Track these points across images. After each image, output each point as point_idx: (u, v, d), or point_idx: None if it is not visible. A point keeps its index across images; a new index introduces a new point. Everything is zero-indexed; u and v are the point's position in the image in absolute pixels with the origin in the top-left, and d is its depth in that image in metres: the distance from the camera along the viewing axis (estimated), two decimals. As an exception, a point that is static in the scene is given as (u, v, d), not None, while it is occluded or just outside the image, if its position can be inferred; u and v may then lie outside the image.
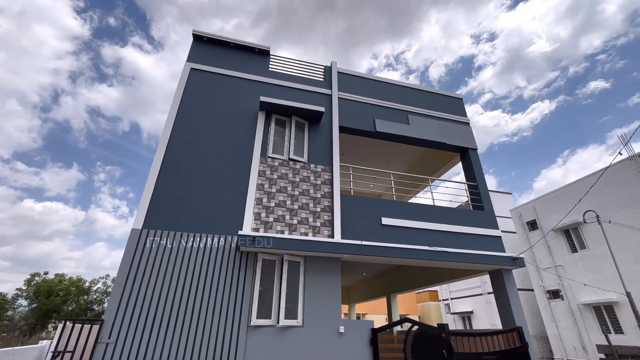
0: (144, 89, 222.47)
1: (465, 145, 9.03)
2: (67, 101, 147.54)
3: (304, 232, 6.53)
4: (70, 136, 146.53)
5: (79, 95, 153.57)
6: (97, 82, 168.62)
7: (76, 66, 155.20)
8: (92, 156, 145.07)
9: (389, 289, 12.74)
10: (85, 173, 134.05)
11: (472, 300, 21.75)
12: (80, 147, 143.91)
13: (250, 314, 5.54)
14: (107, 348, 4.80)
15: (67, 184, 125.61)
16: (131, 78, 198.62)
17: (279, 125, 7.67)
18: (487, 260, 6.97)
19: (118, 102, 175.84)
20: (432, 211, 7.67)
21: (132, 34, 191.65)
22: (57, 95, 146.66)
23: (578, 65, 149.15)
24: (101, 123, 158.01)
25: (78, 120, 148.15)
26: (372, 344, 5.84)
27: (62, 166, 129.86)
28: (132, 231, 5.68)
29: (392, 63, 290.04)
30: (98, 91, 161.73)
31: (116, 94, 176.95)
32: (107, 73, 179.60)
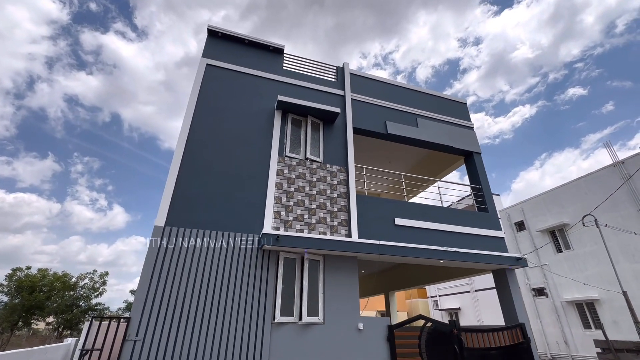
0: (126, 78, 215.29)
1: (471, 149, 9.37)
2: (43, 88, 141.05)
3: (322, 231, 6.66)
4: (46, 125, 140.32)
5: (55, 82, 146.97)
6: (75, 69, 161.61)
7: (53, 52, 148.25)
8: (69, 146, 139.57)
9: (387, 286, 13.06)
10: (61, 164, 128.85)
11: (459, 297, 22.52)
12: (56, 136, 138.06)
13: (274, 311, 5.63)
14: (135, 345, 4.79)
15: (42, 175, 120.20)
16: (112, 66, 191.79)
17: (295, 125, 7.74)
18: (493, 260, 7.32)
19: (98, 91, 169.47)
20: (441, 212, 7.96)
21: (115, 20, 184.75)
22: (32, 81, 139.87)
23: (557, 72, 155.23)
24: (80, 112, 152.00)
25: (55, 108, 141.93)
26: (388, 340, 6.06)
27: (36, 156, 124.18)
28: (155, 228, 5.64)
29: (381, 63, 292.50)
30: (76, 79, 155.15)
31: (96, 82, 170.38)
32: (87, 60, 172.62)
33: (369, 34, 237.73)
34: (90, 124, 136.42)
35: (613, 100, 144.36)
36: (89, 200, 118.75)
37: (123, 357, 4.68)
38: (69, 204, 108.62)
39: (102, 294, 23.21)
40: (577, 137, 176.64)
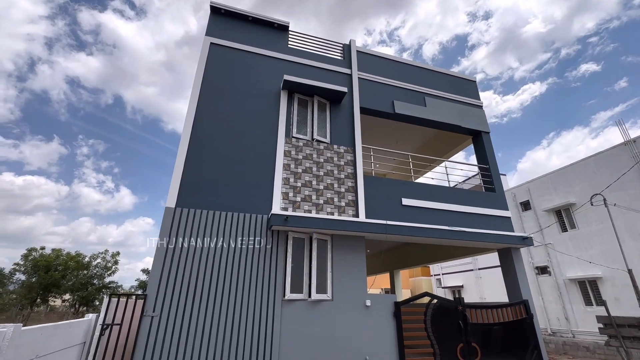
0: (126, 59, 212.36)
1: (479, 128, 9.23)
2: (44, 70, 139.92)
3: (329, 211, 6.73)
4: (49, 108, 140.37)
5: (56, 64, 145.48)
6: (75, 50, 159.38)
7: (52, 32, 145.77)
8: (73, 129, 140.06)
9: (392, 265, 13.31)
10: (67, 147, 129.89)
11: (462, 275, 22.91)
12: (61, 119, 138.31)
13: (285, 288, 5.80)
14: (152, 320, 5.00)
15: (49, 158, 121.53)
16: (112, 47, 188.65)
17: (301, 105, 7.64)
18: (500, 239, 7.38)
19: (99, 72, 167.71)
20: (448, 193, 7.96)
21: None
22: (32, 63, 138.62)
23: (570, 48, 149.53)
24: (82, 95, 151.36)
25: (57, 91, 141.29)
26: (395, 316, 6.25)
27: (42, 139, 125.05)
28: (166, 209, 5.74)
29: (386, 40, 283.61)
30: (77, 60, 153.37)
31: (96, 63, 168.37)
32: (86, 41, 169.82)
33: (374, 9, 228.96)
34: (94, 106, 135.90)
35: (627, 77, 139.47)
36: (96, 183, 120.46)
37: (142, 331, 4.90)
38: (77, 186, 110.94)
39: (115, 273, 24.03)
40: (587, 115, 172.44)
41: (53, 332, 3.80)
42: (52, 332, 3.78)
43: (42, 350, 3.60)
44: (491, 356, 6.43)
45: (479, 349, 6.39)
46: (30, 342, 3.35)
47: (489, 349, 6.47)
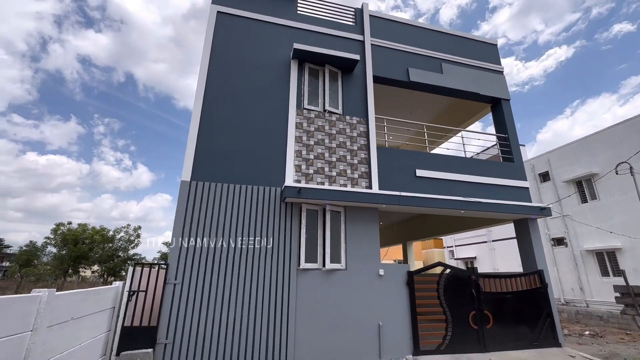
0: (135, 35, 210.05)
1: (499, 95, 8.80)
2: (56, 49, 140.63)
3: (342, 183, 6.71)
4: (64, 88, 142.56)
5: (66, 42, 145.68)
6: (84, 27, 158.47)
7: (60, 9, 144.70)
8: (89, 108, 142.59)
9: (405, 236, 13.41)
10: (84, 126, 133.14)
11: (476, 247, 22.94)
12: (76, 99, 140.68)
13: (299, 258, 5.95)
14: (175, 288, 5.27)
15: (68, 137, 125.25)
16: (119, 22, 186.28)
17: (312, 75, 7.42)
18: (517, 210, 7.25)
19: (109, 50, 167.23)
20: (464, 163, 7.77)
21: None
22: (44, 42, 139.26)
23: (602, 6, 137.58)
24: (95, 73, 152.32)
25: (70, 70, 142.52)
26: (408, 285, 6.36)
27: (60, 119, 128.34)
28: (182, 183, 5.85)
29: (400, 5, 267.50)
30: (86, 38, 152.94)
31: (106, 40, 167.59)
32: (94, 17, 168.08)
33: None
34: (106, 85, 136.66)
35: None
36: (114, 161, 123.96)
37: (165, 297, 5.18)
38: (97, 164, 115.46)
39: (138, 246, 25.27)
40: (616, 81, 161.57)
41: (84, 297, 4.06)
42: (83, 297, 4.04)
43: (76, 313, 3.86)
44: (504, 323, 6.53)
45: (491, 316, 6.49)
46: (65, 306, 3.60)
47: (502, 316, 6.57)
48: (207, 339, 5.13)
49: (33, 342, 3.05)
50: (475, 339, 6.26)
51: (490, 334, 6.36)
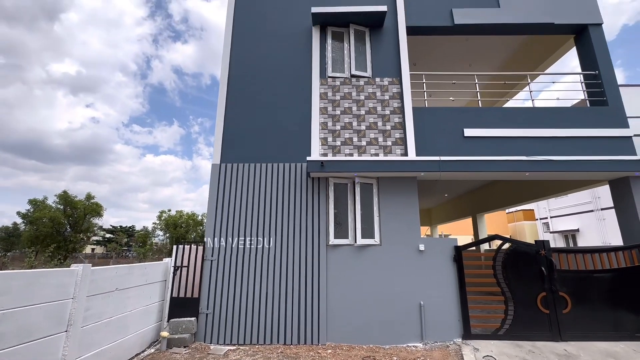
0: (213, 39, 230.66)
1: (584, 21, 6.77)
2: (157, 64, 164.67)
3: (374, 153, 6.14)
4: (166, 97, 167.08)
5: (163, 57, 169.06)
6: (173, 41, 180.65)
7: (154, 28, 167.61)
8: (186, 112, 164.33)
9: (474, 208, 11.90)
10: (184, 127, 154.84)
11: (578, 217, 19.15)
12: (176, 105, 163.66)
13: (328, 234, 5.74)
14: (212, 264, 5.66)
15: (173, 139, 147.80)
16: (200, 30, 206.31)
17: (336, 39, 6.84)
18: (608, 166, 5.61)
19: (194, 58, 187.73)
20: (530, 114, 6.30)
21: None
22: (148, 60, 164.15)
23: None
24: (187, 81, 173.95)
25: (169, 81, 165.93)
26: (455, 261, 5.59)
27: (166, 124, 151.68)
28: (213, 166, 6.14)
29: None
30: (176, 50, 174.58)
31: (191, 50, 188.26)
32: (180, 30, 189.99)
33: None
34: (197, 90, 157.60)
35: None
36: (209, 155, 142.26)
37: (204, 272, 5.62)
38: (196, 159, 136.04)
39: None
40: None
41: (128, 271, 4.65)
42: (127, 272, 4.62)
43: (121, 284, 4.46)
44: (589, 308, 5.25)
45: (569, 299, 5.28)
46: (106, 279, 4.17)
47: (585, 299, 5.27)
48: (242, 310, 5.42)
49: (74, 308, 3.60)
50: (545, 324, 5.19)
51: (567, 320, 5.19)
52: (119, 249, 28.93)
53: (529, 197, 8.94)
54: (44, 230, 21.87)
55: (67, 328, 3.51)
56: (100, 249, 47.93)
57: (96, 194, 64.20)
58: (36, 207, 23.45)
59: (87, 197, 24.86)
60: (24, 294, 3.11)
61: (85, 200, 24.67)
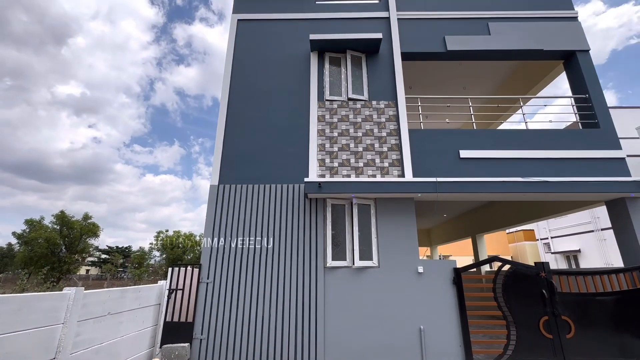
0: (216, 62, 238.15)
1: (572, 47, 7.05)
2: (160, 87, 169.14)
3: (371, 174, 6.19)
4: (168, 118, 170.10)
5: (166, 80, 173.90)
6: (176, 64, 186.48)
7: (159, 51, 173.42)
8: (187, 132, 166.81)
9: (473, 229, 11.84)
10: (185, 148, 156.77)
11: (579, 238, 19.01)
12: (177, 126, 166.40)
13: (325, 256, 5.68)
14: (207, 286, 5.56)
15: (174, 159, 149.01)
16: (203, 54, 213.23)
17: (334, 64, 7.07)
18: (603, 187, 5.65)
19: (197, 80, 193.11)
20: (524, 136, 6.42)
21: (197, 8, 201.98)
22: (152, 82, 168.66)
23: None
24: (189, 102, 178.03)
25: (171, 102, 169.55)
26: (455, 284, 5.50)
27: (167, 144, 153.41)
28: (211, 187, 6.17)
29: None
30: (179, 73, 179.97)
31: (194, 72, 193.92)
32: (184, 54, 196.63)
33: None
34: (198, 111, 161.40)
35: None
36: (208, 175, 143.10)
37: (199, 295, 5.51)
38: (196, 179, 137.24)
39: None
40: None
41: (121, 294, 4.56)
42: (120, 295, 4.54)
43: (114, 309, 4.36)
44: (593, 332, 5.12)
45: (572, 324, 5.16)
46: (98, 302, 4.09)
47: (589, 323, 5.16)
48: (238, 335, 5.27)
49: (64, 334, 3.51)
50: (549, 350, 5.04)
51: (571, 346, 5.04)
52: (114, 271, 28.40)
53: (528, 218, 8.93)
54: (38, 251, 21.55)
55: (56, 355, 3.40)
56: (95, 270, 47.03)
57: (94, 214, 63.79)
58: (32, 228, 23.21)
59: (85, 217, 24.69)
60: (14, 319, 3.04)
61: (83, 220, 24.47)
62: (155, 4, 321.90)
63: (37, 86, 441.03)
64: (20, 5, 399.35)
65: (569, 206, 7.27)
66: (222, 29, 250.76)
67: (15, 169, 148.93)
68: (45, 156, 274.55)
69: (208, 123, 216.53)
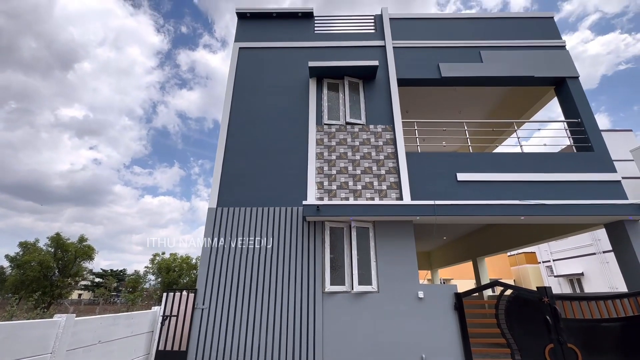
0: (218, 86, 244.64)
1: (562, 74, 7.30)
2: (162, 109, 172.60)
3: (369, 197, 6.21)
4: (169, 140, 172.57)
5: (168, 103, 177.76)
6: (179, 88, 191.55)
7: (163, 76, 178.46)
8: (187, 154, 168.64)
9: (474, 252, 11.70)
10: (184, 169, 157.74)
11: (581, 260, 18.75)
12: (178, 148, 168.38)
13: (324, 280, 5.58)
14: (202, 312, 5.41)
15: (173, 181, 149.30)
16: (205, 78, 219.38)
17: (332, 89, 7.28)
18: (601, 210, 5.66)
19: (198, 103, 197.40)
20: (521, 160, 6.50)
21: (201, 36, 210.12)
22: (154, 105, 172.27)
23: None
24: (191, 124, 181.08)
25: (173, 124, 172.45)
26: (457, 309, 5.37)
27: (167, 166, 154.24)
28: (209, 210, 6.15)
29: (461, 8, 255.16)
30: (181, 97, 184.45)
31: (195, 96, 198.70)
32: (187, 78, 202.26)
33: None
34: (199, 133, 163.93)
35: None
36: (207, 196, 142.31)
37: (194, 322, 5.35)
38: (194, 201, 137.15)
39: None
40: None
41: (113, 321, 4.43)
42: (112, 322, 4.40)
43: (105, 337, 4.22)
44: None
45: (578, 352, 4.99)
46: (89, 330, 3.96)
47: (595, 351, 4.99)
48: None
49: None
50: (556, 381, 4.84)
51: (579, 376, 4.86)
52: (107, 295, 27.61)
53: (529, 240, 8.85)
54: (31, 274, 21.05)
55: (41, 387, 3.25)
56: (88, 295, 45.71)
57: (90, 236, 62.91)
58: (26, 250, 22.81)
59: (80, 240, 24.31)
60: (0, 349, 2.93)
61: (78, 243, 24.09)
62: (161, 32, 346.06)
63: (42, 109, 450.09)
64: (32, 33, 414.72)
65: (568, 229, 7.24)
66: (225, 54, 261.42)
67: (13, 190, 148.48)
68: (44, 177, 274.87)
69: (208, 145, 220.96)
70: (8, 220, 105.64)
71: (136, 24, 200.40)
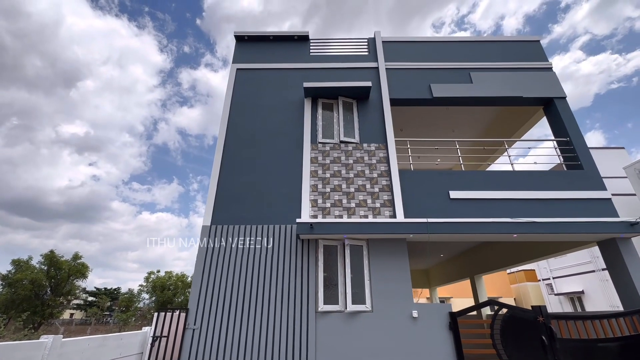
0: (219, 104, 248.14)
1: (549, 94, 7.52)
2: (163, 127, 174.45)
3: (363, 214, 6.25)
4: (169, 156, 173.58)
5: (169, 120, 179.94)
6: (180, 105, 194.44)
7: (164, 94, 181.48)
8: (186, 170, 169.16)
9: (471, 269, 11.60)
10: (183, 185, 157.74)
11: (581, 278, 18.55)
12: (178, 164, 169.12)
13: (317, 300, 5.53)
14: (194, 333, 5.32)
15: (171, 197, 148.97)
16: (206, 96, 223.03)
17: (326, 109, 7.46)
18: (591, 228, 5.70)
19: (199, 120, 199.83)
20: (512, 178, 6.60)
21: (203, 55, 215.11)
22: (155, 122, 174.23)
23: None
24: (191, 141, 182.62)
25: (173, 141, 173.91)
26: (451, 329, 5.31)
27: (165, 182, 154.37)
28: (203, 228, 6.16)
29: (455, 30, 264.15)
30: (182, 114, 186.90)
31: (196, 113, 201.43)
32: (188, 96, 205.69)
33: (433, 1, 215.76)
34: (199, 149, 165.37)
35: None
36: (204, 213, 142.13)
37: (185, 343, 5.25)
38: (193, 217, 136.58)
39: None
40: None
41: (102, 342, 4.36)
42: (100, 343, 4.33)
43: (92, 358, 4.14)
44: (599, 383, 4.85)
45: (576, 373, 4.90)
46: (76, 352, 3.89)
47: (593, 373, 4.91)
48: (222, 389, 4.93)
49: (36, 388, 3.30)
50: (554, 404, 4.73)
51: (578, 399, 4.75)
52: (99, 315, 26.93)
53: (527, 258, 8.82)
54: (22, 293, 20.60)
55: (24, 412, 3.17)
56: (80, 314, 44.56)
57: (84, 253, 62.05)
58: (18, 268, 22.42)
59: (74, 257, 23.95)
60: (-17, 371, 2.89)
61: (72, 260, 23.72)
62: (164, 51, 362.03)
63: (43, 125, 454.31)
64: (37, 52, 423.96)
65: (564, 246, 7.25)
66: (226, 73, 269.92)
67: (9, 206, 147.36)
68: (42, 194, 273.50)
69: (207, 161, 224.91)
70: (2, 237, 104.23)
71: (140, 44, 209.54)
